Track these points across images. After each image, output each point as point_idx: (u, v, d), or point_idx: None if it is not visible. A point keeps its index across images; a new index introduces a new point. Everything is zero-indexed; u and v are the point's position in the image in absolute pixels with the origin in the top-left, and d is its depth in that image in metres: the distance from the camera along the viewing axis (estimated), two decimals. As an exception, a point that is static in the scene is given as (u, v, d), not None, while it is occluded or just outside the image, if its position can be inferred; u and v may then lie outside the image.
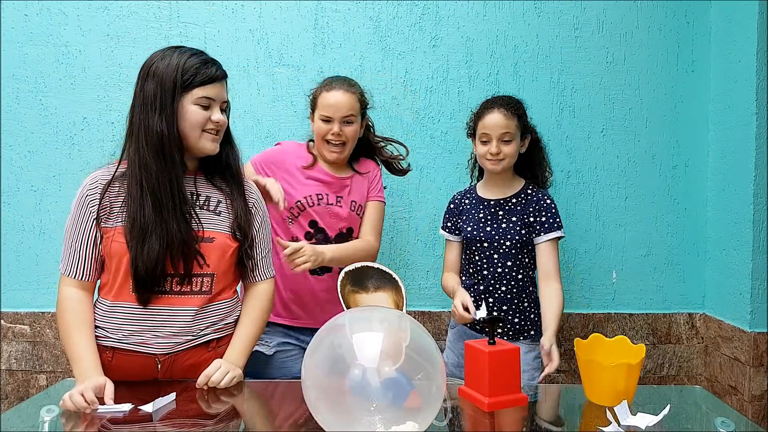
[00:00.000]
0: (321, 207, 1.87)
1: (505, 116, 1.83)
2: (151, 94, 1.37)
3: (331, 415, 1.05)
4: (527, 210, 1.88)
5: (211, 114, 1.42)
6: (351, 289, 1.51)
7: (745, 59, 2.11)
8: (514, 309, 1.88)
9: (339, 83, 1.86)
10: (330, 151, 1.86)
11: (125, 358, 1.41)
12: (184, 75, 1.38)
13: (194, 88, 1.40)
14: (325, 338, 1.11)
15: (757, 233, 2.08)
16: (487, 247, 1.89)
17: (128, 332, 1.41)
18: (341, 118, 1.83)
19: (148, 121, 1.37)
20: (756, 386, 2.06)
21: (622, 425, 1.16)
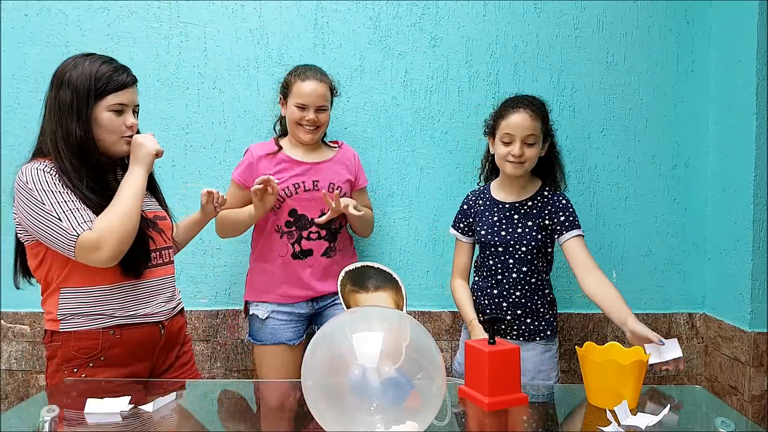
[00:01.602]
0: (299, 195, 2.00)
1: (531, 117, 1.76)
2: (67, 102, 1.44)
3: (331, 415, 1.05)
4: (543, 213, 1.84)
5: (125, 119, 1.51)
6: (351, 288, 1.51)
7: (745, 59, 2.11)
8: (527, 312, 1.85)
9: (312, 73, 1.99)
10: (305, 133, 2.00)
11: (132, 332, 1.50)
12: (97, 83, 1.45)
13: (107, 95, 1.47)
14: (325, 338, 1.11)
15: (757, 233, 2.08)
16: (501, 252, 1.85)
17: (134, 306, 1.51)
18: (315, 106, 1.97)
19: (68, 128, 1.43)
20: (756, 386, 2.06)
21: (622, 425, 1.16)
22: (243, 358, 2.35)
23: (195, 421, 1.26)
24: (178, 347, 1.67)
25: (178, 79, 2.31)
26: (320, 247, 2.02)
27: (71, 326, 1.46)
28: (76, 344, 1.46)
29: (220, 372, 2.34)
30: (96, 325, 1.46)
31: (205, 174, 2.32)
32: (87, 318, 1.47)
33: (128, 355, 1.50)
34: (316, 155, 2.07)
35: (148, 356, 1.56)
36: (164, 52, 2.31)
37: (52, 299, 1.49)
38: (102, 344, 1.47)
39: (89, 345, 1.47)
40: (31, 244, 1.49)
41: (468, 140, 2.32)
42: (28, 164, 1.47)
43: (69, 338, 1.46)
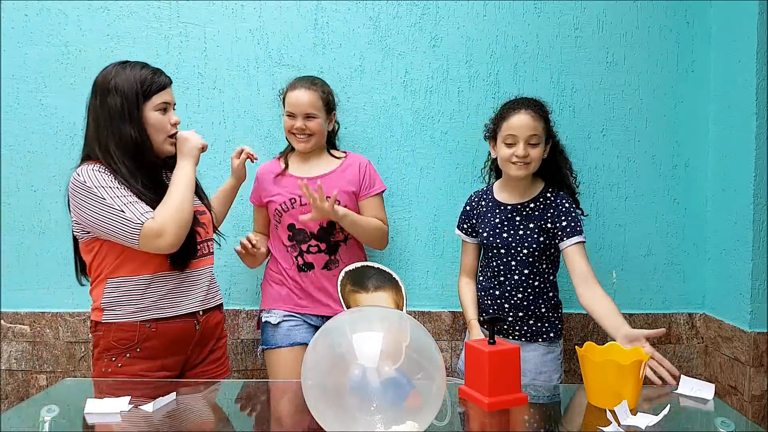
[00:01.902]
0: (296, 209, 2.00)
1: (533, 118, 1.76)
2: (117, 107, 1.53)
3: (331, 415, 1.05)
4: (545, 215, 1.82)
5: (170, 117, 1.62)
6: (351, 289, 1.51)
7: (745, 59, 2.11)
8: (530, 314, 1.85)
9: (301, 82, 2.02)
10: (297, 141, 2.02)
11: (167, 326, 1.58)
12: (143, 85, 1.55)
13: (153, 96, 1.57)
14: (325, 338, 1.11)
15: (757, 233, 2.08)
16: (504, 254, 1.85)
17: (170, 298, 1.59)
18: (303, 114, 1.98)
19: (121, 132, 1.53)
20: (756, 386, 2.06)
21: (622, 425, 1.16)
22: (243, 358, 2.35)
23: (195, 421, 1.26)
24: (213, 342, 1.73)
25: (178, 79, 2.30)
26: (320, 260, 2.02)
27: (112, 317, 1.56)
28: (115, 335, 1.56)
29: (220, 372, 2.34)
30: (134, 317, 1.56)
31: (205, 174, 2.31)
32: (126, 310, 1.56)
33: (163, 348, 1.59)
34: (317, 168, 2.06)
35: (182, 350, 1.64)
36: (164, 52, 2.31)
37: (98, 290, 1.59)
38: (138, 336, 1.56)
39: (127, 336, 1.55)
40: (86, 241, 1.57)
41: (468, 140, 2.32)
42: (81, 167, 1.54)
43: (109, 329, 1.56)
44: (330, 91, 2.07)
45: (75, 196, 1.51)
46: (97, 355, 1.59)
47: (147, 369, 1.56)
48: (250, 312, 2.33)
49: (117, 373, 1.55)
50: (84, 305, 2.33)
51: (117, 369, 1.55)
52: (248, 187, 2.16)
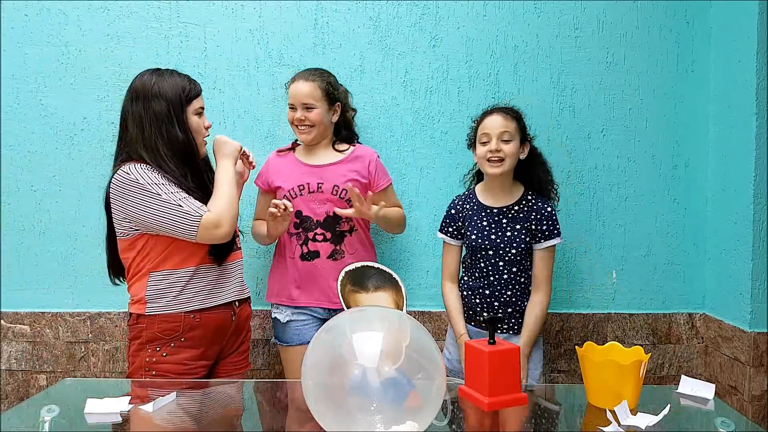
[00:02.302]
0: (303, 196, 2.03)
1: (503, 117, 1.88)
2: (163, 112, 1.62)
3: (331, 415, 1.05)
4: (529, 218, 1.92)
5: (203, 121, 1.73)
6: (351, 288, 1.51)
7: (745, 59, 2.11)
8: (518, 310, 1.93)
9: (301, 74, 2.04)
10: (300, 133, 2.05)
11: (209, 316, 1.67)
12: (185, 91, 1.66)
13: (193, 100, 1.69)
14: (325, 338, 1.11)
15: (757, 233, 2.08)
16: (492, 255, 1.92)
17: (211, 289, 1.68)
18: (302, 105, 2.00)
19: (170, 134, 1.63)
20: (756, 386, 2.06)
21: (622, 425, 1.16)
22: (243, 358, 2.35)
23: (195, 421, 1.26)
24: (244, 333, 1.84)
25: (178, 79, 2.31)
26: (325, 249, 2.03)
27: (156, 309, 1.63)
28: (160, 326, 1.62)
29: (220, 372, 2.34)
30: (179, 308, 1.63)
31: (205, 174, 2.32)
32: (171, 302, 1.63)
33: (205, 338, 1.67)
34: (324, 157, 2.08)
35: (221, 340, 1.74)
36: (164, 52, 2.31)
37: (139, 284, 1.65)
38: (183, 326, 1.63)
39: (172, 327, 1.63)
40: (131, 238, 1.63)
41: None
42: (127, 166, 1.60)
43: (154, 321, 1.63)
44: (332, 82, 2.07)
45: (125, 193, 1.58)
46: (138, 346, 1.64)
47: (190, 358, 1.64)
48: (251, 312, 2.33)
49: (161, 362, 1.62)
50: (84, 305, 2.34)
51: (161, 359, 1.62)
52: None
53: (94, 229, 2.32)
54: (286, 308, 2.08)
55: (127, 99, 1.66)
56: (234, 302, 1.75)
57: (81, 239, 2.33)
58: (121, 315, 2.33)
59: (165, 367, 1.62)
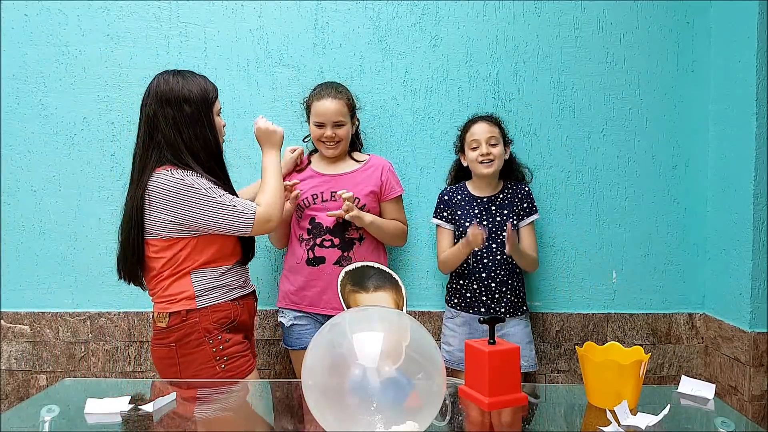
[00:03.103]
0: (317, 205, 2.08)
1: (488, 124, 2.11)
2: (194, 115, 1.68)
3: (331, 415, 1.05)
4: (514, 201, 2.15)
5: (221, 120, 1.79)
6: (351, 288, 1.51)
7: (745, 59, 2.11)
8: (510, 288, 2.12)
9: (327, 91, 2.07)
10: (327, 148, 2.09)
11: (247, 303, 1.80)
12: (207, 93, 1.71)
13: (215, 101, 1.74)
14: (325, 338, 1.11)
15: (757, 233, 2.08)
16: (485, 239, 2.05)
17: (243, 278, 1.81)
18: (332, 123, 2.05)
19: (204, 136, 1.69)
20: (756, 386, 2.06)
21: (622, 425, 1.16)
22: (243, 358, 2.35)
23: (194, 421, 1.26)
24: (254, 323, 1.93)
25: (178, 79, 2.31)
26: (332, 255, 2.05)
27: (207, 302, 1.69)
28: (214, 316, 1.69)
29: (220, 372, 2.34)
30: (227, 298, 1.73)
31: (205, 174, 2.32)
32: (220, 292, 1.72)
33: (247, 322, 1.80)
34: (339, 167, 2.12)
35: (253, 324, 1.87)
36: (164, 52, 2.31)
37: (181, 282, 1.69)
38: (234, 313, 1.73)
39: (225, 315, 1.71)
40: (169, 239, 1.67)
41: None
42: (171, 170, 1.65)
43: (206, 312, 1.69)
44: (352, 96, 2.14)
45: (177, 197, 1.63)
46: (196, 342, 1.67)
47: (240, 341, 1.74)
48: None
49: (228, 347, 1.70)
50: (84, 305, 2.34)
51: (227, 345, 1.70)
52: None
53: (94, 229, 2.32)
54: (289, 312, 2.12)
55: (154, 102, 1.67)
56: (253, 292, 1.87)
57: (81, 239, 2.33)
58: (121, 315, 2.33)
59: (232, 350, 1.71)
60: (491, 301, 2.11)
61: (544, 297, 2.35)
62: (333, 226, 2.06)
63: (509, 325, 2.12)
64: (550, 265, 2.35)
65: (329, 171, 2.11)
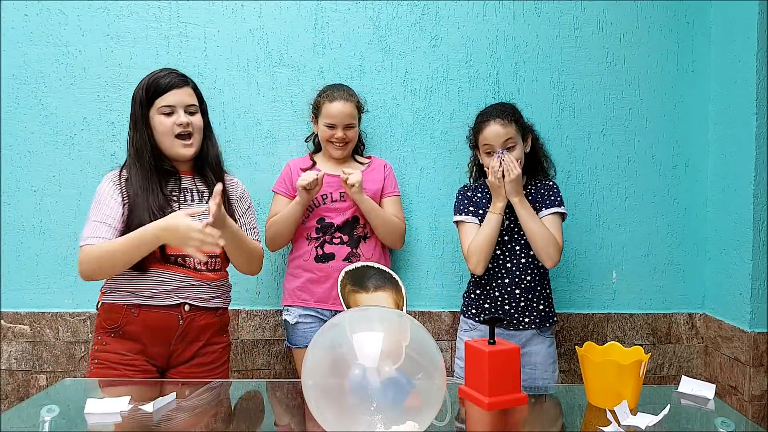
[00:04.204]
0: (326, 205, 2.10)
1: (502, 125, 1.89)
2: (133, 115, 1.65)
3: (331, 415, 1.05)
4: (537, 197, 1.96)
5: (176, 118, 1.63)
6: (351, 288, 1.51)
7: (745, 59, 2.11)
8: (538, 296, 1.94)
9: (340, 93, 2.09)
10: (336, 149, 2.11)
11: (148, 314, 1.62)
12: (148, 90, 1.62)
13: (155, 99, 1.62)
14: (325, 338, 1.11)
15: (757, 233, 2.08)
16: (507, 240, 1.94)
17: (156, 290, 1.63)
18: (343, 125, 2.07)
19: (130, 136, 1.65)
20: (756, 386, 2.06)
21: (622, 425, 1.16)
22: (243, 358, 2.35)
23: (195, 421, 1.26)
24: (200, 344, 1.70)
25: (178, 79, 2.30)
26: (342, 252, 2.08)
27: (107, 299, 1.65)
28: (105, 315, 1.64)
29: (220, 372, 2.34)
30: (121, 300, 1.63)
31: (205, 174, 2.32)
32: (117, 294, 1.64)
33: (144, 334, 1.63)
34: (347, 168, 2.12)
35: (164, 342, 1.65)
36: (164, 52, 2.31)
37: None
38: (122, 318, 1.62)
39: (113, 317, 1.63)
40: None
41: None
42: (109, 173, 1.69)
43: (104, 309, 1.66)
44: (359, 97, 2.16)
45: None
46: (94, 336, 1.68)
47: (130, 350, 1.62)
48: (250, 312, 2.33)
49: (101, 351, 1.63)
50: (84, 305, 2.34)
51: (102, 347, 1.64)
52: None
53: (94, 229, 2.32)
54: (295, 309, 2.11)
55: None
56: (183, 305, 1.64)
57: (81, 239, 2.33)
58: (121, 315, 2.33)
59: (104, 356, 1.62)
60: (516, 311, 1.92)
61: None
62: (343, 224, 2.09)
63: (534, 343, 1.93)
64: (550, 265, 2.35)
65: (336, 172, 2.11)
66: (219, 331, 1.76)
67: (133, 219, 1.59)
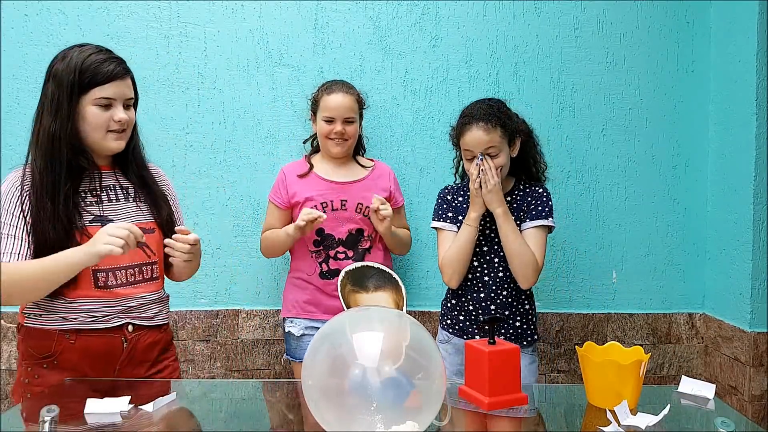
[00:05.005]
0: (326, 214, 1.94)
1: (485, 131, 1.72)
2: (50, 97, 1.38)
3: (331, 415, 1.05)
4: (523, 205, 1.82)
5: (113, 113, 1.41)
6: (351, 288, 1.51)
7: (745, 59, 2.11)
8: (515, 313, 1.83)
9: (338, 86, 2.02)
10: (334, 145, 2.01)
11: (87, 339, 1.42)
12: (82, 75, 1.37)
13: (92, 89, 1.38)
14: (325, 338, 1.11)
15: (757, 233, 2.08)
16: (486, 251, 1.82)
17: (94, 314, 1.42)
18: (342, 119, 1.98)
19: (43, 124, 1.38)
20: (756, 386, 2.06)
21: (622, 425, 1.16)
22: (243, 358, 2.35)
23: (195, 421, 1.26)
24: (149, 364, 1.52)
25: (178, 79, 2.31)
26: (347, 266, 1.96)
27: (32, 322, 1.42)
28: (32, 342, 1.42)
29: (220, 372, 2.34)
30: (53, 325, 1.40)
31: (206, 174, 2.32)
32: (46, 317, 1.41)
33: (84, 363, 1.43)
34: (348, 174, 2.07)
35: (108, 368, 1.45)
36: (164, 52, 2.31)
37: None
38: (55, 346, 1.41)
39: (44, 345, 1.41)
40: None
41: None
42: (13, 172, 1.45)
43: (29, 334, 1.43)
44: (360, 92, 2.10)
45: None
46: (18, 360, 1.46)
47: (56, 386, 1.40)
48: (250, 312, 2.33)
49: (34, 384, 1.41)
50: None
51: (34, 380, 1.41)
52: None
53: (94, 229, 2.32)
54: (301, 321, 2.04)
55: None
56: (126, 326, 1.45)
57: (81, 239, 2.33)
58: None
59: (38, 390, 1.39)
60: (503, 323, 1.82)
61: (544, 297, 2.35)
62: (346, 238, 2.01)
63: None
64: (550, 265, 2.34)
65: (338, 177, 2.04)
66: (165, 347, 1.58)
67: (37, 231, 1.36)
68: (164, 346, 1.57)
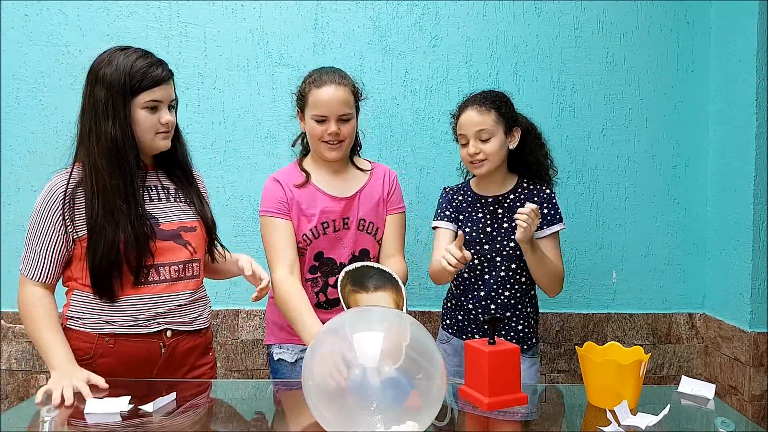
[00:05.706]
0: (327, 236, 1.71)
1: (479, 112, 1.68)
2: (101, 100, 1.41)
3: (331, 415, 1.05)
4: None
5: (160, 116, 1.46)
6: (351, 289, 1.51)
7: (745, 59, 2.11)
8: (517, 315, 1.78)
9: (329, 77, 1.65)
10: (329, 150, 1.67)
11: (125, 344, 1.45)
12: (132, 80, 1.41)
13: (141, 92, 1.42)
14: (325, 338, 1.11)
15: (757, 233, 2.08)
16: (488, 249, 1.77)
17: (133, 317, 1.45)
18: (336, 116, 1.63)
19: (101, 127, 1.41)
20: (756, 386, 2.06)
21: (622, 425, 1.16)
22: (243, 358, 2.35)
23: (195, 421, 1.26)
24: (186, 369, 1.55)
25: (178, 79, 2.25)
26: None
27: (74, 325, 1.47)
28: (73, 344, 1.44)
29: (220, 372, 2.34)
30: (94, 328, 1.45)
31: (205, 174, 2.30)
32: (87, 320, 1.46)
33: (122, 368, 1.44)
34: (348, 184, 1.74)
35: (146, 373, 1.48)
36: (164, 52, 2.30)
37: (68, 296, 1.51)
38: (95, 349, 1.44)
39: (83, 347, 1.45)
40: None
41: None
42: (55, 177, 1.49)
43: (70, 336, 1.45)
44: (356, 83, 1.73)
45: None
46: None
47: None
48: (250, 312, 2.33)
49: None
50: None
51: None
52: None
53: (94, 229, 2.31)
54: (294, 347, 1.77)
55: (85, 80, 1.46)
56: (165, 331, 1.48)
57: (81, 239, 2.33)
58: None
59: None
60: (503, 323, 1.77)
61: (544, 297, 2.34)
62: (349, 262, 1.70)
63: None
64: (550, 265, 2.34)
65: (338, 191, 1.72)
66: (204, 351, 1.59)
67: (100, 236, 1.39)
68: (203, 350, 1.59)
